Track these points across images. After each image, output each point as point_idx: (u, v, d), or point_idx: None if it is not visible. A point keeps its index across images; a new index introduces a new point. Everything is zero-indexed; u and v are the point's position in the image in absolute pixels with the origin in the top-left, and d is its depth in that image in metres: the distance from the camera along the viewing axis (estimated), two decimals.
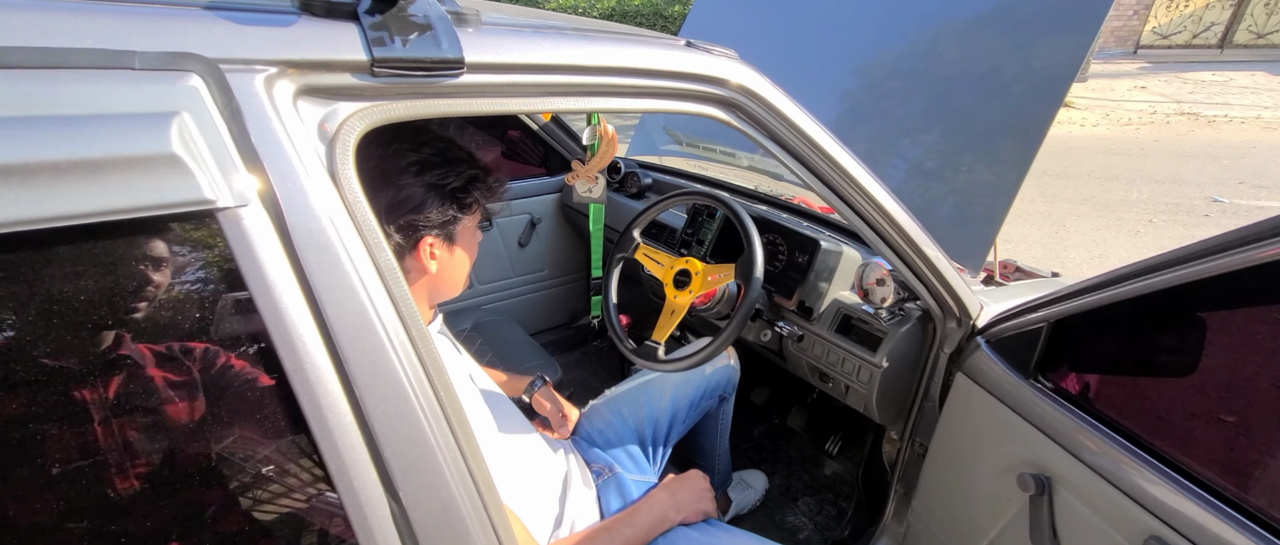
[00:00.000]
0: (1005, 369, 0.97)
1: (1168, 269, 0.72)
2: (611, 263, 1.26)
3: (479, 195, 0.76)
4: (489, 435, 0.84)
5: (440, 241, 0.75)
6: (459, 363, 0.87)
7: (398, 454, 0.47)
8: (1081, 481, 0.82)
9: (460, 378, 0.83)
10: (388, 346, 0.47)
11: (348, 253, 0.45)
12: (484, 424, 0.83)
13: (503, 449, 0.87)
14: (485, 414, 0.85)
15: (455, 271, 0.80)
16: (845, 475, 1.63)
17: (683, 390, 1.24)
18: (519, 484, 0.88)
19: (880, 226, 0.94)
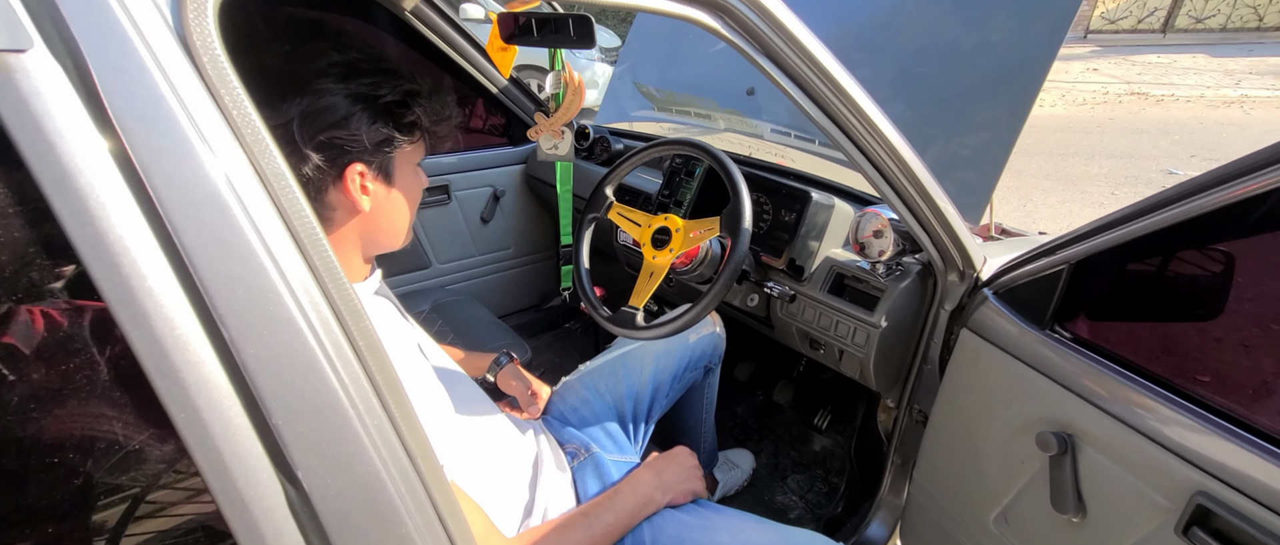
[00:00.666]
0: (1017, 321, 0.89)
1: (1207, 191, 0.64)
2: (583, 224, 1.13)
3: (422, 116, 0.63)
4: (443, 416, 0.71)
5: (374, 173, 0.61)
6: (404, 331, 0.73)
7: (294, 423, 0.34)
8: (1111, 437, 0.75)
9: (405, 348, 0.69)
10: (274, 279, 0.33)
11: (206, 142, 0.32)
12: (437, 403, 0.70)
13: (461, 431, 0.74)
14: (438, 392, 0.71)
15: (394, 215, 0.66)
16: (836, 450, 1.55)
17: (665, 362, 1.13)
18: (481, 470, 0.75)
19: (884, 164, 0.84)
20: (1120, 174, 4.24)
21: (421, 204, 1.75)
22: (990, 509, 0.94)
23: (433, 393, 0.69)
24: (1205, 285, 0.72)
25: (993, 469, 0.94)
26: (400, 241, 0.70)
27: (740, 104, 1.44)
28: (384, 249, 0.69)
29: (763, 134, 1.43)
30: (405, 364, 0.66)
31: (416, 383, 0.67)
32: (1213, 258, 0.71)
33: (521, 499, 0.81)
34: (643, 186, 1.52)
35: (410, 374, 0.66)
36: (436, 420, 0.68)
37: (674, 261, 1.03)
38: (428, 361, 0.75)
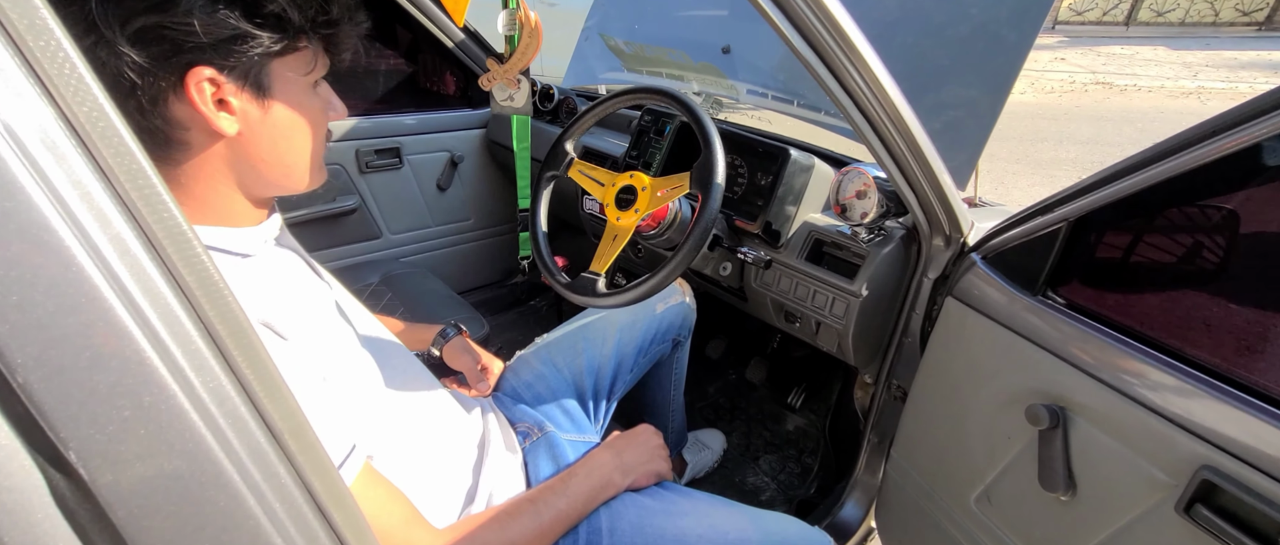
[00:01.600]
0: (1007, 287, 0.83)
1: (1223, 134, 0.58)
2: (540, 183, 1.02)
3: (288, 9, 0.47)
4: (363, 390, 0.60)
5: (236, 84, 0.47)
6: (313, 289, 0.62)
7: (55, 384, 0.23)
8: (1107, 409, 0.69)
9: (312, 309, 0.58)
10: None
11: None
12: (354, 375, 0.59)
13: (386, 408, 0.63)
14: (358, 362, 0.61)
15: (279, 144, 0.52)
16: (810, 429, 1.49)
17: (629, 334, 1.04)
18: (411, 452, 0.65)
19: (876, 115, 0.76)
20: (1086, 159, 4.31)
21: (370, 167, 1.62)
22: (972, 488, 0.89)
23: (350, 362, 0.59)
24: (1214, 244, 0.66)
25: (976, 446, 0.88)
26: (299, 181, 0.57)
27: (715, 61, 1.35)
28: (278, 189, 0.56)
29: (739, 94, 1.34)
30: (312, 328, 0.55)
31: (328, 350, 0.56)
32: (1223, 214, 0.66)
33: (463, 484, 0.71)
34: (609, 149, 1.41)
35: (319, 340, 0.55)
36: (353, 395, 0.57)
37: (640, 224, 0.94)
38: (350, 327, 0.65)
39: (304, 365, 0.51)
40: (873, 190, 0.92)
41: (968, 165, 1.07)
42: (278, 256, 0.59)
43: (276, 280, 0.56)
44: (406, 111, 1.62)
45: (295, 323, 0.53)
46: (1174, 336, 0.65)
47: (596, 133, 1.58)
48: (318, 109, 0.56)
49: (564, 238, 1.92)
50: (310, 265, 0.66)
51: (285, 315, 0.52)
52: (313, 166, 0.58)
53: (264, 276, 0.55)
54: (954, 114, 1.16)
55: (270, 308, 0.51)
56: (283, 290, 0.56)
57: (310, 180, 0.59)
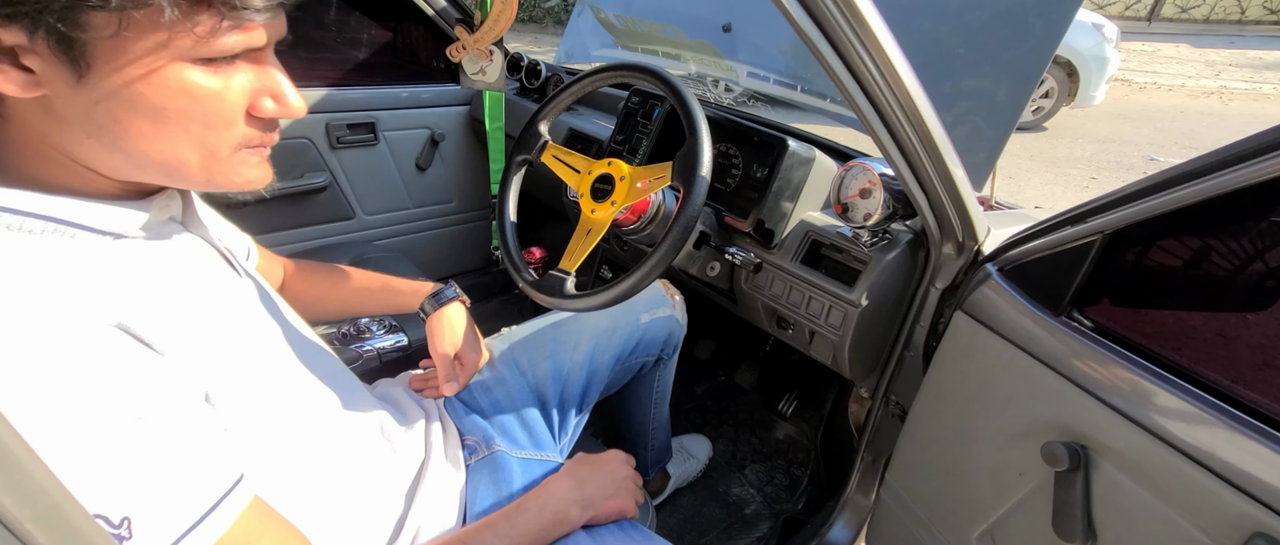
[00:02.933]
0: (1026, 304, 0.73)
1: None
2: (511, 168, 0.92)
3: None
4: (273, 409, 0.51)
5: (24, 35, 0.35)
6: (218, 285, 0.52)
7: None
8: (1139, 453, 0.59)
9: (214, 307, 0.49)
10: None
11: None
12: (265, 392, 0.51)
13: (301, 428, 0.54)
14: (273, 375, 0.52)
15: (120, 126, 0.39)
16: (801, 439, 1.41)
17: (607, 341, 0.93)
18: (329, 481, 0.56)
19: (886, 103, 0.65)
20: (1103, 158, 4.17)
21: (341, 142, 1.52)
22: (974, 524, 0.80)
23: (250, 375, 0.49)
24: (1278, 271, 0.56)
25: (982, 478, 0.79)
26: (178, 177, 0.44)
27: (713, 39, 1.23)
28: (152, 179, 0.45)
29: (738, 77, 1.23)
30: (200, 334, 0.46)
31: (219, 361, 0.47)
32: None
33: (389, 517, 0.62)
34: (598, 133, 1.31)
35: (208, 349, 0.46)
36: (248, 415, 0.48)
37: (617, 217, 0.84)
38: (262, 332, 0.55)
39: (176, 381, 0.42)
40: (878, 189, 0.81)
41: (985, 164, 0.97)
42: (171, 245, 0.49)
43: (158, 272, 0.46)
44: (383, 84, 1.51)
45: (173, 328, 0.43)
46: (1227, 376, 0.55)
47: (585, 114, 1.47)
48: (203, 95, 0.40)
49: (552, 226, 1.82)
50: (226, 256, 0.55)
51: (159, 318, 0.43)
52: (205, 170, 0.44)
53: (138, 266, 0.44)
54: (972, 107, 1.05)
55: (136, 307, 0.42)
56: (164, 285, 0.45)
57: (206, 182, 0.45)
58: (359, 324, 1.04)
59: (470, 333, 0.81)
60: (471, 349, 0.79)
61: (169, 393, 0.41)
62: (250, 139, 0.45)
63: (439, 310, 0.80)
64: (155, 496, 0.38)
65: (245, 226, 1.21)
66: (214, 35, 0.39)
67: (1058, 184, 3.69)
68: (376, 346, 1.02)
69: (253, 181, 0.47)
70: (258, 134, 0.45)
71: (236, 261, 0.57)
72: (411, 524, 0.62)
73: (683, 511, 1.27)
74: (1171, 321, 0.62)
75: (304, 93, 1.52)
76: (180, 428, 0.41)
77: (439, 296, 0.81)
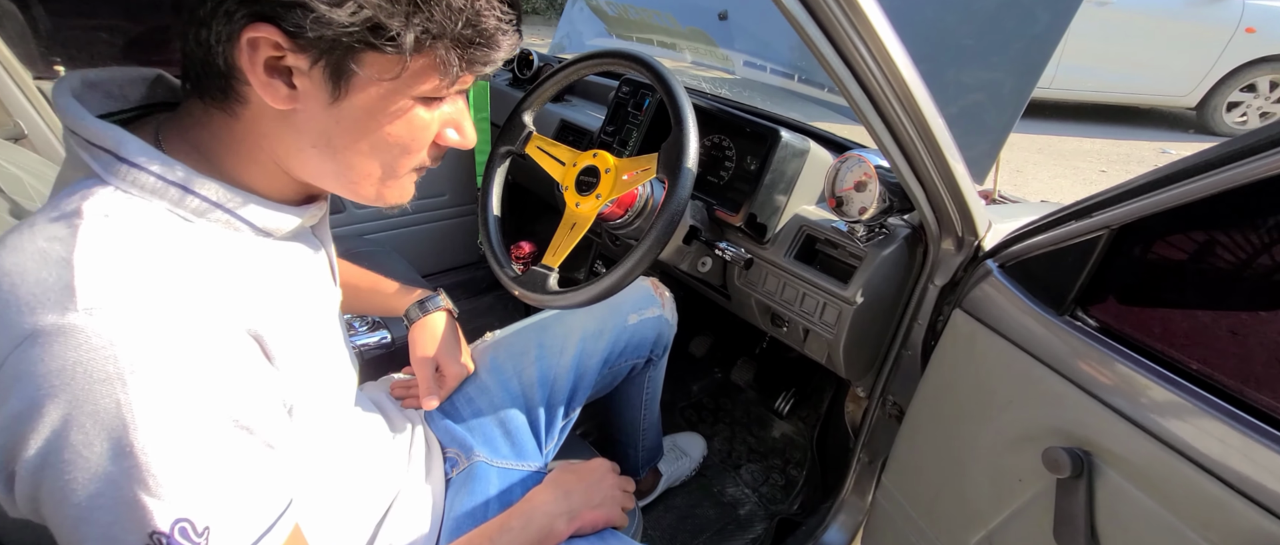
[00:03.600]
0: (1028, 302, 0.69)
1: None
2: (494, 159, 0.89)
3: (434, 32, 0.38)
4: (321, 420, 0.52)
5: (309, 61, 0.37)
6: (322, 293, 0.53)
7: None
8: (1145, 460, 0.56)
9: (316, 316, 0.51)
10: None
11: None
12: (323, 402, 0.51)
13: (326, 438, 0.54)
14: (329, 383, 0.53)
15: (343, 142, 0.42)
16: (798, 439, 1.38)
17: (594, 343, 0.90)
18: (327, 493, 0.54)
19: (880, 91, 0.62)
20: (1112, 151, 4.10)
21: None
22: (972, 530, 0.77)
23: (320, 386, 0.50)
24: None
25: (980, 483, 0.76)
26: (354, 191, 0.46)
27: (707, 27, 1.20)
28: (331, 188, 0.47)
29: (734, 66, 1.19)
30: (302, 345, 0.46)
31: (307, 373, 0.47)
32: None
33: (363, 527, 0.60)
34: (590, 124, 1.28)
35: (304, 360, 0.46)
36: (310, 429, 0.49)
37: (603, 211, 0.81)
38: (335, 336, 0.56)
39: (279, 395, 0.43)
40: (874, 182, 0.78)
41: (987, 157, 0.93)
42: (301, 249, 0.50)
43: (286, 275, 0.47)
44: None
45: (288, 340, 0.44)
46: (1239, 380, 0.52)
47: (578, 105, 1.44)
48: (418, 126, 0.44)
49: (545, 220, 1.79)
50: (332, 266, 0.57)
51: (281, 329, 0.43)
52: (381, 185, 0.46)
53: (274, 266, 0.46)
54: (974, 98, 1.02)
55: (269, 315, 0.42)
56: (290, 294, 0.46)
57: (375, 196, 0.47)
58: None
59: (453, 343, 0.80)
60: (453, 360, 0.79)
61: (273, 406, 0.42)
62: (423, 164, 0.47)
63: (424, 318, 0.80)
64: (237, 508, 0.38)
65: None
66: (457, 83, 0.43)
67: (1066, 177, 3.63)
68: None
69: (403, 200, 0.49)
70: (430, 161, 0.47)
71: (335, 270, 0.58)
72: (383, 539, 0.60)
73: (676, 511, 1.25)
74: (1181, 322, 0.59)
75: None
76: (273, 442, 0.41)
77: (425, 304, 0.81)
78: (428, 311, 0.80)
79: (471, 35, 0.40)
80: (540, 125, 0.89)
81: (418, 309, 0.81)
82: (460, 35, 0.39)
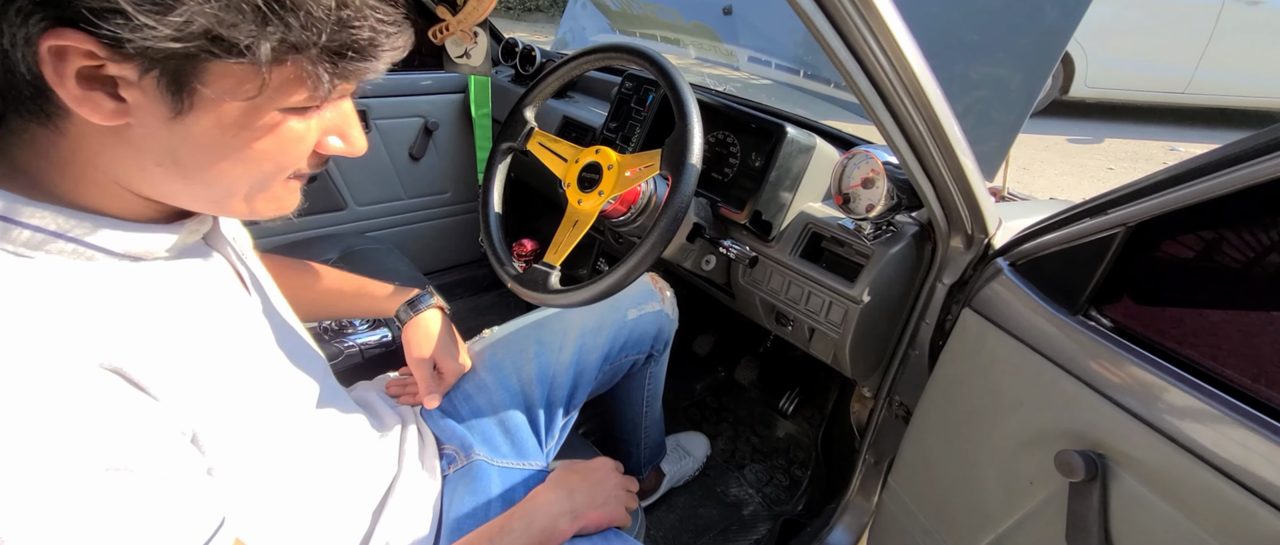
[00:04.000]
0: (1040, 301, 0.68)
1: None
2: (495, 155, 0.88)
3: (295, 33, 0.33)
4: (261, 434, 0.47)
5: (136, 72, 0.32)
6: (229, 308, 0.48)
7: None
8: (1162, 465, 0.55)
9: (219, 335, 0.45)
10: None
11: None
12: (256, 418, 0.47)
13: (284, 449, 0.51)
14: (265, 395, 0.48)
15: (195, 159, 0.37)
16: (802, 439, 1.36)
17: (594, 339, 0.89)
18: (303, 498, 0.53)
19: (889, 84, 0.60)
20: (1120, 149, 4.06)
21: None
22: (981, 534, 0.76)
23: (243, 402, 0.46)
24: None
25: (990, 486, 0.74)
26: (225, 207, 0.42)
27: (712, 22, 1.18)
28: (182, 204, 0.41)
29: (738, 62, 1.18)
30: (199, 369, 0.42)
31: (214, 396, 0.43)
32: None
33: (356, 528, 0.59)
34: (593, 120, 1.26)
35: (204, 385, 0.42)
36: (235, 448, 0.45)
37: (605, 208, 0.80)
38: (261, 350, 0.51)
39: (164, 427, 0.38)
40: (881, 178, 0.76)
41: (997, 153, 0.91)
42: (188, 267, 0.45)
43: (169, 302, 0.42)
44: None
45: (172, 367, 0.39)
46: (1261, 381, 0.50)
47: (581, 102, 1.43)
48: (290, 139, 0.39)
49: (548, 218, 1.78)
50: (240, 274, 0.51)
51: (159, 357, 0.39)
52: (250, 201, 0.41)
53: (149, 295, 0.40)
54: (983, 94, 1.00)
55: (137, 345, 0.38)
56: (172, 317, 0.41)
57: (248, 212, 0.42)
58: (340, 319, 1.01)
59: (449, 340, 0.78)
60: (450, 356, 0.77)
61: (155, 441, 0.37)
62: (302, 172, 0.43)
63: (416, 317, 0.78)
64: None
65: None
66: (335, 93, 0.38)
67: (1073, 175, 3.60)
68: (360, 342, 0.99)
69: (285, 211, 0.45)
70: (309, 169, 0.43)
71: (252, 275, 0.54)
72: (379, 538, 0.59)
73: (679, 512, 1.24)
74: (1199, 321, 0.57)
75: None
76: (163, 478, 0.37)
77: (416, 303, 0.78)
78: (419, 310, 0.78)
79: (342, 45, 0.35)
80: (543, 122, 0.87)
81: (408, 309, 0.78)
82: (328, 46, 0.34)
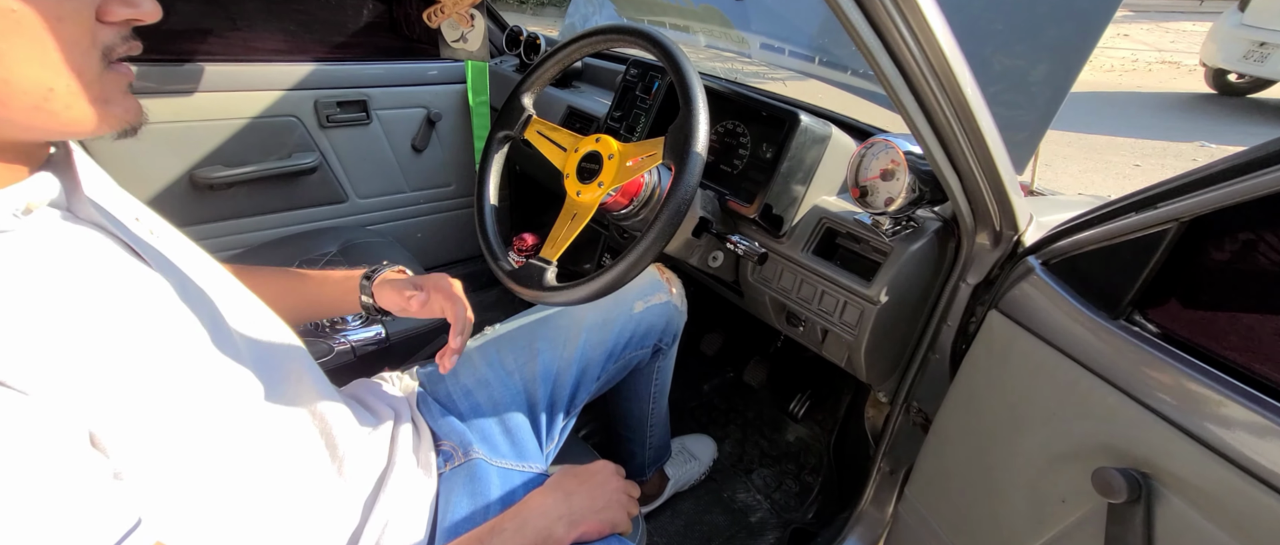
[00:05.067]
0: (1075, 304, 0.62)
1: None
2: (491, 145, 0.84)
3: None
4: (193, 426, 0.42)
5: None
6: (117, 283, 0.42)
7: None
8: (1219, 488, 0.49)
9: (107, 314, 0.39)
10: None
11: None
12: (181, 407, 0.41)
13: (235, 439, 0.46)
14: (192, 382, 0.43)
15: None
16: (813, 444, 1.31)
17: (598, 335, 0.86)
18: (268, 496, 0.49)
19: (917, 71, 0.55)
20: (1147, 145, 3.92)
21: (331, 121, 1.45)
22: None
23: (157, 390, 0.40)
24: None
25: (1017, 502, 0.69)
26: (19, 113, 0.35)
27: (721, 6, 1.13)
28: (8, 128, 0.36)
29: (750, 48, 1.12)
30: (83, 356, 0.37)
31: (111, 383, 0.38)
32: None
33: (342, 526, 0.55)
34: (597, 109, 1.22)
35: (93, 373, 0.37)
36: (152, 443, 0.39)
37: (606, 200, 0.75)
38: (182, 328, 0.45)
39: (44, 426, 0.33)
40: (903, 170, 0.71)
41: (1027, 145, 0.85)
42: (51, 239, 0.39)
43: (28, 281, 0.36)
44: (374, 60, 1.43)
45: (44, 356, 0.34)
46: None
47: (586, 91, 1.38)
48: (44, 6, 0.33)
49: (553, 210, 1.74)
50: (128, 244, 0.45)
51: (23, 346, 0.34)
52: (78, 89, 0.36)
53: (3, 270, 0.35)
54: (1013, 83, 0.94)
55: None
56: (36, 299, 0.36)
57: (83, 112, 0.36)
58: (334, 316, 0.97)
59: (429, 288, 0.71)
60: (440, 280, 0.72)
61: (33, 442, 0.32)
62: (113, 48, 0.37)
63: (384, 273, 0.73)
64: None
65: (229, 208, 1.12)
66: None
67: (1098, 172, 3.48)
68: (351, 340, 0.96)
69: (129, 111, 0.39)
70: (120, 43, 0.38)
71: (142, 244, 0.47)
72: (371, 532, 0.55)
73: (684, 517, 1.19)
74: (1261, 328, 0.51)
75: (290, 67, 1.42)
76: (48, 485, 0.32)
77: (369, 277, 0.73)
78: (383, 271, 0.73)
79: None
80: (546, 112, 0.83)
81: (367, 278, 0.73)
82: None
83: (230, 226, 1.36)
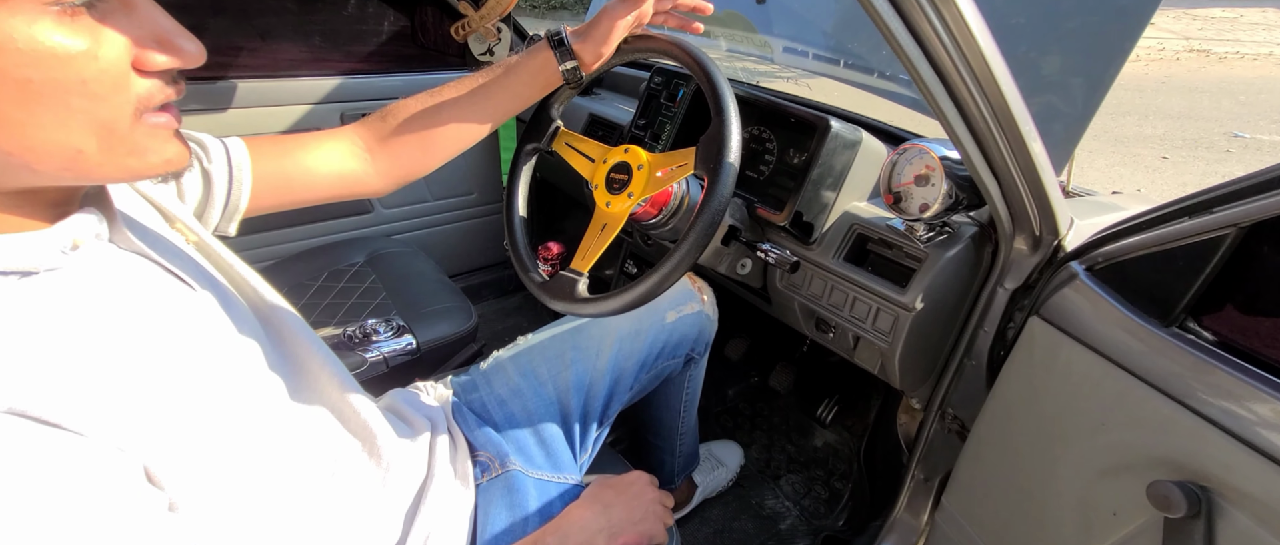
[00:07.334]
0: (1125, 311, 0.60)
1: None
2: (520, 156, 0.84)
3: None
4: (235, 445, 0.42)
5: None
6: (164, 312, 0.42)
7: None
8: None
9: (156, 344, 0.39)
10: None
11: None
12: (225, 428, 0.41)
13: (277, 454, 0.46)
14: (237, 400, 0.43)
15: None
16: (842, 449, 1.30)
17: (631, 345, 0.85)
18: (298, 504, 0.48)
19: (954, 72, 0.54)
20: (1177, 136, 3.82)
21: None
22: None
23: (203, 414, 0.40)
24: None
25: (1064, 515, 0.67)
26: (51, 170, 0.34)
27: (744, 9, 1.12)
28: (21, 179, 0.34)
29: (773, 52, 1.11)
30: (134, 387, 0.37)
31: (160, 412, 0.37)
32: None
33: (385, 538, 0.56)
34: (620, 118, 1.22)
35: (144, 404, 0.37)
36: (205, 464, 0.39)
37: (635, 211, 0.75)
38: (226, 349, 0.45)
39: (101, 464, 0.33)
40: (938, 175, 0.70)
41: (1065, 146, 0.83)
42: (96, 275, 0.39)
43: (76, 319, 0.36)
44: (398, 72, 1.45)
45: (96, 394, 0.34)
46: None
47: (608, 99, 1.38)
48: (77, 55, 0.32)
49: (575, 219, 1.75)
50: (172, 271, 0.45)
51: (75, 385, 0.33)
52: (107, 147, 0.34)
53: (47, 316, 0.35)
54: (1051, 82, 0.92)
55: (42, 377, 0.32)
56: (84, 336, 0.36)
57: (114, 167, 0.35)
58: (365, 327, 0.98)
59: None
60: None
61: (92, 485, 0.32)
62: (151, 97, 0.35)
63: (567, 45, 0.67)
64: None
65: (259, 220, 1.12)
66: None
67: (1126, 165, 3.40)
68: (383, 351, 0.97)
69: (171, 160, 0.38)
70: (159, 91, 0.36)
71: (184, 267, 0.47)
72: (416, 536, 0.56)
73: (712, 524, 1.18)
74: None
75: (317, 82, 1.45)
76: (107, 529, 0.32)
77: (558, 36, 0.67)
78: (564, 44, 0.66)
79: None
80: (568, 120, 0.83)
81: (557, 45, 0.66)
82: None
83: (259, 240, 1.39)
